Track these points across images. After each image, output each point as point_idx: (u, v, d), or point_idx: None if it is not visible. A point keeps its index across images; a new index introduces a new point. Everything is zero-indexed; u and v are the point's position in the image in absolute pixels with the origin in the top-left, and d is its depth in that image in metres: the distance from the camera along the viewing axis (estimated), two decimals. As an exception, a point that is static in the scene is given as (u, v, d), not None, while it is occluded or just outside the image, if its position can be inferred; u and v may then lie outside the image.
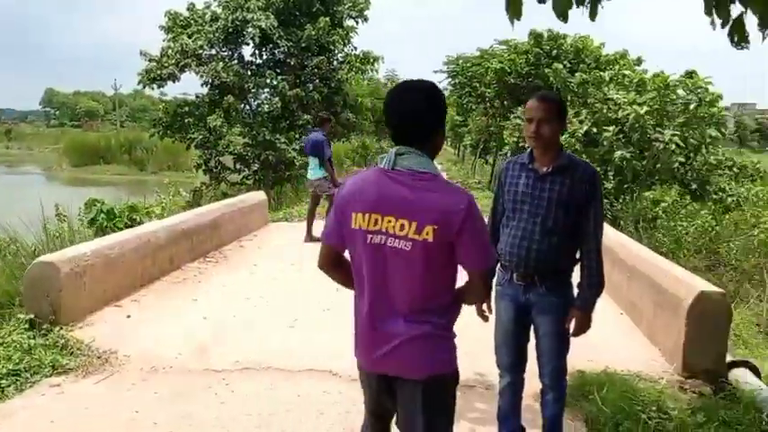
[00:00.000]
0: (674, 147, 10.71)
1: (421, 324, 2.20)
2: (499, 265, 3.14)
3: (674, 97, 11.26)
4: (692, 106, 10.99)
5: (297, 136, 17.10)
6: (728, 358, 4.74)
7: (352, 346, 2.36)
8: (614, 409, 3.98)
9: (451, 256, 2.17)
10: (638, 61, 15.73)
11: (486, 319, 3.05)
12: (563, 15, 2.48)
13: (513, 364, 3.21)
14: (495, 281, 3.15)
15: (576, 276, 3.12)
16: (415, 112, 2.18)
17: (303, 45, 16.79)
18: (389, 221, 2.15)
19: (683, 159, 11.19)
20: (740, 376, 4.63)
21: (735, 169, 12.07)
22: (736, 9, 2.76)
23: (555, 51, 16.21)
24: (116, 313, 5.67)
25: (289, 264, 7.88)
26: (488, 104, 18.68)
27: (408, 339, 2.19)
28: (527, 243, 2.98)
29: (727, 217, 12.39)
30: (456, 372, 2.30)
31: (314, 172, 9.28)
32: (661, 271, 5.35)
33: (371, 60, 18.77)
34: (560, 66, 13.05)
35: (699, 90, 11.11)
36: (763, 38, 2.67)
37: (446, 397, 2.30)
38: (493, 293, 3.17)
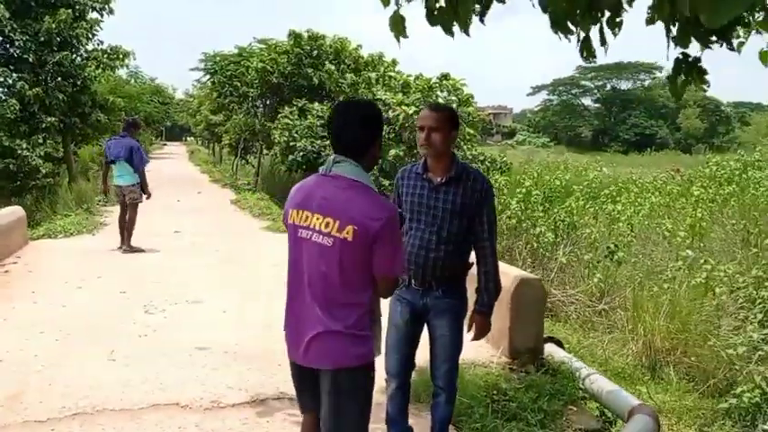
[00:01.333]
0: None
1: (335, 321, 2.38)
2: None
3: (436, 97, 12.24)
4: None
5: (40, 140, 15.27)
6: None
7: (189, 373, 2.32)
8: (466, 397, 4.25)
9: (366, 260, 2.35)
10: (394, 63, 16.71)
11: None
12: (465, 30, 2.63)
13: (402, 368, 3.27)
14: None
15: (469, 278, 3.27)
16: (348, 128, 2.43)
17: (42, 39, 15.04)
18: (317, 218, 2.37)
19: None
20: (551, 351, 5.23)
21: (487, 163, 13.46)
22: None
23: (315, 52, 16.51)
24: None
25: (75, 287, 7.03)
26: (251, 104, 18.43)
27: (323, 334, 2.39)
28: (425, 252, 3.07)
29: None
30: (367, 365, 2.48)
31: (126, 178, 8.97)
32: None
33: (121, 56, 17.43)
34: (332, 67, 13.35)
35: (457, 91, 12.21)
36: (605, 52, 3.12)
37: (355, 386, 2.47)
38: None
